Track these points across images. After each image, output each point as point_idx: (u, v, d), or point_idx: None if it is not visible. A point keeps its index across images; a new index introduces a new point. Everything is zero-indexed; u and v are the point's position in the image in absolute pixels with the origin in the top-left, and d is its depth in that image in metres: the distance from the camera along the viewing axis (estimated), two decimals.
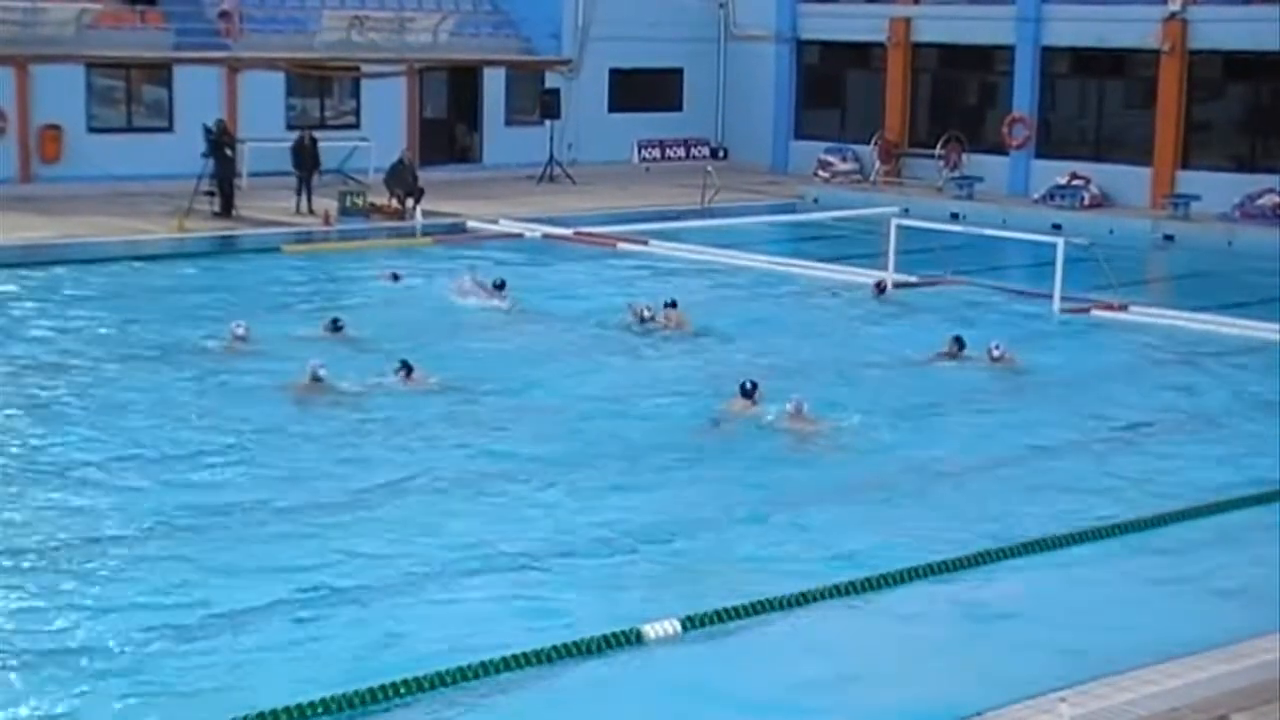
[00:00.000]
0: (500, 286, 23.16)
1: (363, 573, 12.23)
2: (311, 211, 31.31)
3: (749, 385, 17.01)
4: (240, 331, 19.64)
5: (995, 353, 19.59)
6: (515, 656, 10.44)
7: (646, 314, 21.63)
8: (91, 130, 34.01)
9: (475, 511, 13.92)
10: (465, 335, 21.17)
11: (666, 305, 21.85)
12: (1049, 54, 37.07)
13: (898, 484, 15.00)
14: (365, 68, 37.37)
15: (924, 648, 11.16)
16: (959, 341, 19.96)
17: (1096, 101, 37.13)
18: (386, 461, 15.26)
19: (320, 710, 9.62)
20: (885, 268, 25.35)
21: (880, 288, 24.76)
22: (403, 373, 17.81)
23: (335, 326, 20.30)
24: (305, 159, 32.03)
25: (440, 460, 15.35)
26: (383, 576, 12.17)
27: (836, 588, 11.91)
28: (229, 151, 31.15)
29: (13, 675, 10.33)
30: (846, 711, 10.29)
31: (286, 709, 9.53)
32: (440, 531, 13.27)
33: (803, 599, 11.67)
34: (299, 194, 31.76)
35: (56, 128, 33.39)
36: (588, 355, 20.29)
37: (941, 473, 15.42)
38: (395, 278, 24.57)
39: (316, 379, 17.55)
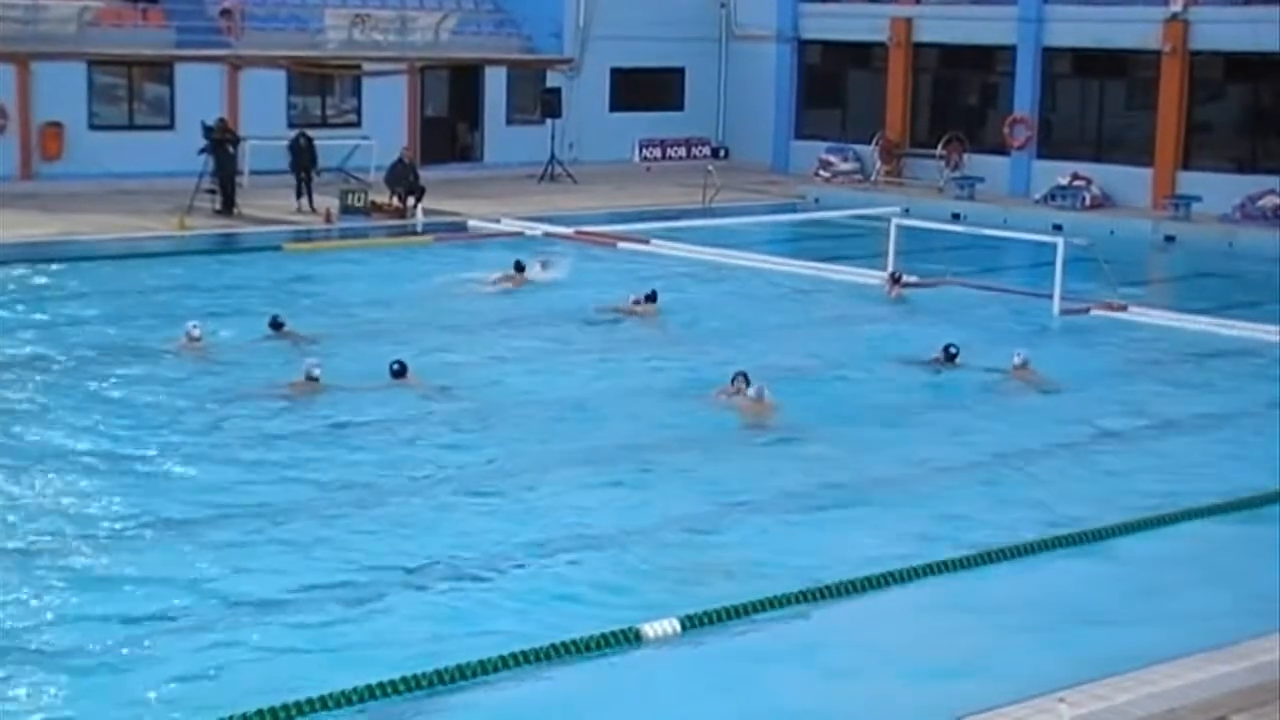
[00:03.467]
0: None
1: (355, 571, 12.22)
2: (313, 210, 31.33)
3: (740, 376, 17.20)
4: (195, 333, 19.27)
5: (1018, 360, 19.02)
6: (513, 655, 10.42)
7: (633, 300, 21.96)
8: (93, 128, 34.03)
9: (469, 510, 13.91)
10: (460, 335, 21.15)
11: (646, 298, 22.05)
12: (1050, 54, 37.06)
13: (893, 483, 14.99)
14: (367, 66, 37.39)
15: (922, 647, 11.14)
16: (949, 351, 19.60)
17: (1098, 102, 37.13)
18: (379, 461, 15.25)
19: (315, 708, 9.61)
20: (886, 268, 25.35)
21: (895, 278, 24.73)
22: (398, 373, 17.77)
23: (276, 325, 20.01)
24: (301, 158, 32.05)
25: (434, 459, 15.35)
26: (377, 575, 12.16)
27: (834, 587, 11.91)
28: (230, 149, 31.16)
29: None
30: (845, 711, 10.29)
31: (285, 706, 9.53)
32: (435, 530, 13.27)
33: (801, 598, 11.67)
34: (299, 193, 31.79)
35: (58, 125, 33.40)
36: (580, 353, 20.29)
37: (937, 472, 15.42)
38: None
39: (311, 378, 17.51)
